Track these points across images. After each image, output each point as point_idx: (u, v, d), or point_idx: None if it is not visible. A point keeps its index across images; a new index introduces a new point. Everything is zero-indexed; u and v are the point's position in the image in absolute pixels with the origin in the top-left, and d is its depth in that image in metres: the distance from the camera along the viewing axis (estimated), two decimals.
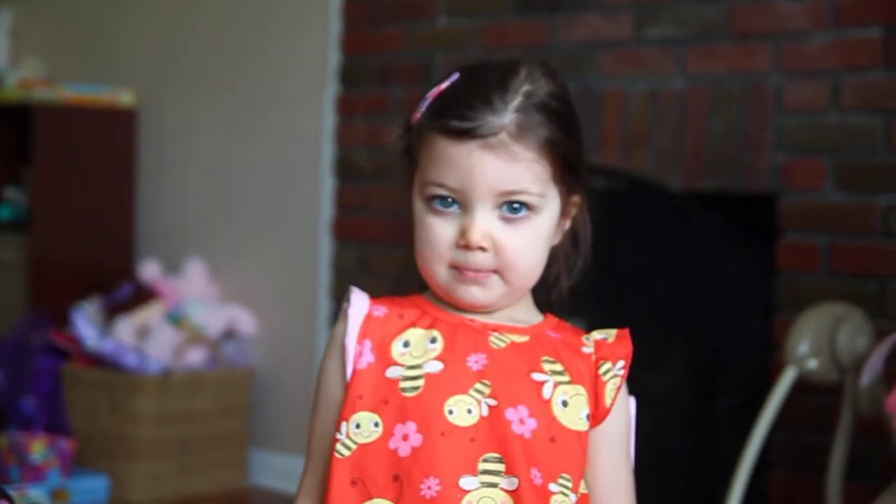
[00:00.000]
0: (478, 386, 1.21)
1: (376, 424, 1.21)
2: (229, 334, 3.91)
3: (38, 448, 3.45)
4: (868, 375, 2.33)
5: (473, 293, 1.23)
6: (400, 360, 1.23)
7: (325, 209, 3.77)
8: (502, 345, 1.24)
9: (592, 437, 1.24)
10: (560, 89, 1.25)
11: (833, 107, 2.79)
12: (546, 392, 1.22)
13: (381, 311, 1.26)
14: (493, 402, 1.20)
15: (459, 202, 1.23)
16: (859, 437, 2.53)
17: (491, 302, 1.25)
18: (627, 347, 1.27)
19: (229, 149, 4.06)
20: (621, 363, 1.25)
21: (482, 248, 1.22)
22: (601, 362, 1.25)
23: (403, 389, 1.21)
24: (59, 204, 4.14)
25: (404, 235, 1.30)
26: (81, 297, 3.94)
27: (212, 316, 3.84)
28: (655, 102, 3.06)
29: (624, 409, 1.27)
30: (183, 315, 3.82)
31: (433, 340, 1.24)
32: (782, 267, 2.86)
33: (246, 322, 3.90)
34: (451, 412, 1.20)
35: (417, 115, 1.27)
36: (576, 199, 1.29)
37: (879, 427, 2.34)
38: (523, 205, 1.23)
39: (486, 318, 1.26)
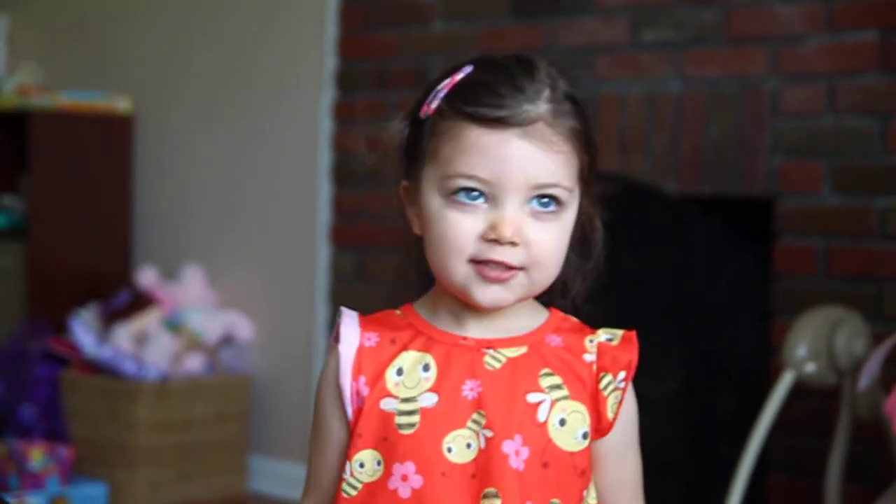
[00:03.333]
0: (475, 416, 1.17)
1: (379, 463, 1.18)
2: (227, 340, 3.91)
3: (36, 455, 3.44)
4: (866, 378, 2.33)
5: (495, 293, 1.16)
6: (394, 392, 1.18)
7: (323, 215, 3.77)
8: (497, 365, 1.18)
9: (597, 446, 1.22)
10: (573, 85, 1.22)
11: (829, 110, 2.79)
12: (541, 415, 1.17)
13: (372, 339, 1.20)
14: (489, 433, 1.16)
15: (487, 195, 1.15)
16: (858, 440, 2.53)
17: (510, 302, 1.18)
18: (631, 354, 1.21)
19: (226, 155, 4.06)
20: (622, 374, 1.20)
21: (513, 244, 1.15)
22: (602, 374, 1.20)
23: (399, 426, 1.17)
24: (57, 211, 4.14)
25: (402, 240, 1.26)
26: (79, 304, 3.94)
27: (209, 322, 3.84)
28: (652, 106, 3.06)
29: (627, 411, 1.23)
30: (181, 321, 3.82)
31: (426, 368, 1.18)
32: (779, 270, 2.86)
33: (244, 328, 3.90)
34: (449, 450, 1.16)
35: (429, 107, 1.20)
36: (585, 204, 1.24)
37: (878, 430, 2.34)
38: (553, 200, 1.17)
39: (483, 330, 1.20)
